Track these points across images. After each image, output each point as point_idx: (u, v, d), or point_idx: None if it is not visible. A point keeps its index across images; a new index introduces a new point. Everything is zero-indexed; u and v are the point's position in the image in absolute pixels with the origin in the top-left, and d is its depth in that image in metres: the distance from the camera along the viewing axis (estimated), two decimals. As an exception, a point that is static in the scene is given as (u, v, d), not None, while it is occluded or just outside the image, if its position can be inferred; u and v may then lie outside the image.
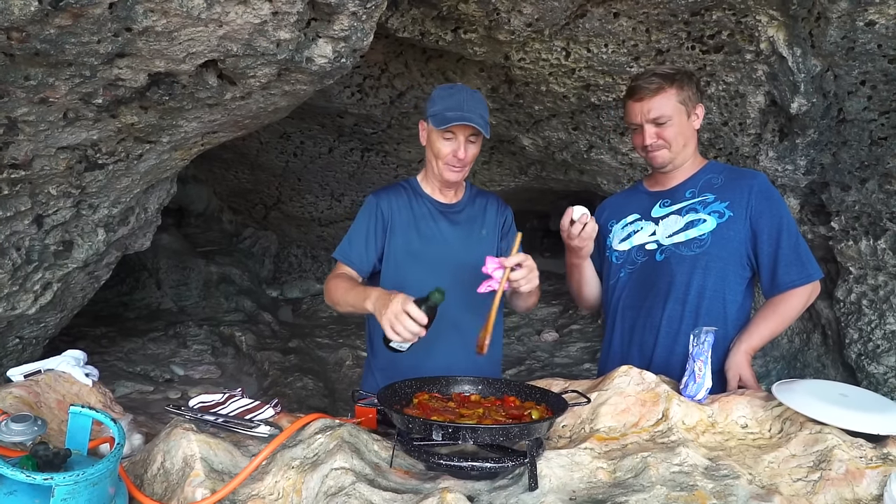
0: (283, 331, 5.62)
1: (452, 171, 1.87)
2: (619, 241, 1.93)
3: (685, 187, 1.86)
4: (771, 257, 1.74)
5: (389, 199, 1.97)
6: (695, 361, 1.50)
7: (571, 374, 4.57)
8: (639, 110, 1.79)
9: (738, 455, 1.35)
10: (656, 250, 1.84)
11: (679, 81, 1.78)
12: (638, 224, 1.90)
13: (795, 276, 1.72)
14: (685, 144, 1.82)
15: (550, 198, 6.69)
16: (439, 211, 1.97)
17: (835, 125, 3.12)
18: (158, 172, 2.72)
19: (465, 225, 1.97)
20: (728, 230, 1.76)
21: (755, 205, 1.75)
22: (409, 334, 1.50)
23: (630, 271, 1.89)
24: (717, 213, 1.77)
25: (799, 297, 1.74)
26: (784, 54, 2.85)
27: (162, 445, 1.40)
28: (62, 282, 2.77)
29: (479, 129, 1.79)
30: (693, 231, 1.79)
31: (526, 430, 1.21)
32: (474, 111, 1.80)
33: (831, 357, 3.76)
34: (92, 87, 1.86)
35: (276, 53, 1.98)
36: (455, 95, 1.83)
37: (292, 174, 5.96)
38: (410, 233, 1.93)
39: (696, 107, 1.83)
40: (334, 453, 1.28)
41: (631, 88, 1.82)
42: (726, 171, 1.86)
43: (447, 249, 1.92)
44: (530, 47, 3.31)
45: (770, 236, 1.74)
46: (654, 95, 1.76)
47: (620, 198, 2.05)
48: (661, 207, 1.87)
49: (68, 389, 1.88)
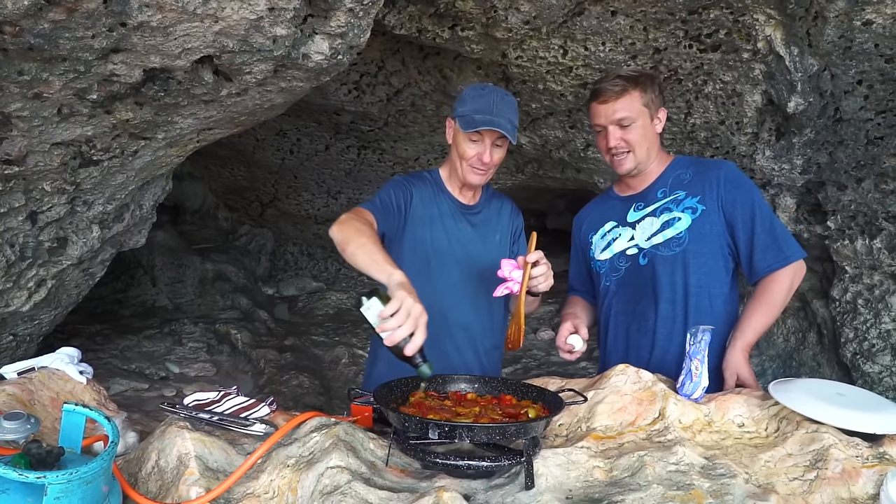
0: (278, 328, 5.61)
1: (476, 173, 1.85)
2: (600, 251, 1.94)
3: (656, 187, 1.87)
4: (747, 244, 1.75)
5: (417, 183, 1.93)
6: (691, 360, 1.50)
7: (567, 373, 4.57)
8: (603, 112, 1.80)
9: (735, 454, 1.35)
10: (638, 254, 1.85)
11: (643, 84, 1.79)
12: (616, 231, 1.91)
13: (772, 259, 1.73)
14: (648, 148, 1.83)
15: (547, 196, 6.69)
16: (460, 211, 1.95)
17: (831, 124, 3.12)
18: (154, 169, 2.70)
19: (482, 227, 1.96)
20: (703, 224, 1.77)
21: (725, 195, 1.76)
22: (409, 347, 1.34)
23: (615, 278, 1.90)
24: (689, 209, 1.79)
25: (781, 282, 1.74)
26: (781, 53, 2.85)
27: (156, 443, 1.39)
28: (56, 279, 2.76)
29: (507, 134, 1.76)
30: (670, 231, 1.80)
31: (523, 428, 1.21)
32: (503, 115, 1.77)
33: (827, 356, 3.77)
34: (86, 83, 1.84)
35: (273, 50, 1.97)
36: (486, 97, 1.79)
37: (288, 171, 5.95)
38: (437, 229, 1.90)
39: (659, 110, 1.84)
40: (330, 452, 1.28)
41: (595, 91, 1.83)
42: (694, 164, 1.87)
43: (465, 251, 1.91)
44: (528, 45, 3.31)
45: (744, 223, 1.75)
46: (619, 97, 1.77)
47: (594, 207, 2.06)
48: (635, 211, 1.88)
49: (62, 387, 1.86)
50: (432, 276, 1.87)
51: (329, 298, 6.61)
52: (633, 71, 1.84)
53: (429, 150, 5.20)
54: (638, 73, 1.82)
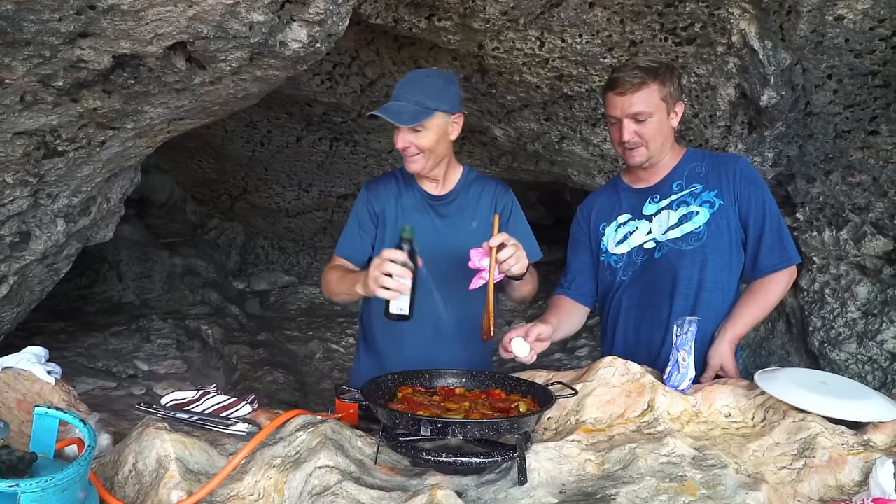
0: (250, 324, 5.51)
1: (409, 162, 1.80)
2: (615, 245, 1.88)
3: (671, 180, 1.84)
4: (755, 241, 1.75)
5: (379, 190, 1.92)
6: (678, 351, 1.51)
7: (542, 364, 4.58)
8: (619, 104, 1.75)
9: (724, 444, 1.36)
10: (654, 248, 1.82)
11: (662, 76, 1.74)
12: (632, 224, 1.86)
13: (777, 259, 1.74)
14: (663, 143, 1.79)
15: (518, 188, 6.68)
16: (427, 202, 1.90)
17: (802, 118, 3.18)
18: (122, 160, 2.61)
19: (454, 217, 1.90)
20: (721, 219, 1.75)
21: (741, 190, 1.75)
22: (397, 283, 1.50)
23: (631, 272, 1.85)
24: (707, 203, 1.77)
25: (779, 282, 1.75)
26: (755, 47, 2.89)
27: (134, 446, 1.34)
28: (19, 275, 2.64)
29: (388, 118, 1.69)
30: (688, 225, 1.77)
31: (516, 423, 1.19)
32: (408, 97, 1.72)
33: (795, 345, 3.85)
34: (52, 69, 1.75)
35: (249, 37, 1.91)
36: (401, 82, 1.77)
37: (259, 164, 5.83)
38: (399, 226, 1.86)
39: (677, 104, 1.79)
40: (318, 451, 1.24)
41: (612, 80, 1.77)
42: (708, 157, 1.86)
43: (434, 244, 1.85)
44: (504, 36, 3.28)
45: (755, 220, 1.75)
46: (637, 90, 1.71)
47: (604, 197, 1.98)
48: (651, 204, 1.85)
49: (29, 388, 1.79)
50: None
51: (302, 293, 6.51)
52: (653, 62, 1.77)
53: (403, 142, 5.14)
54: (658, 65, 1.76)
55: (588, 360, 4.70)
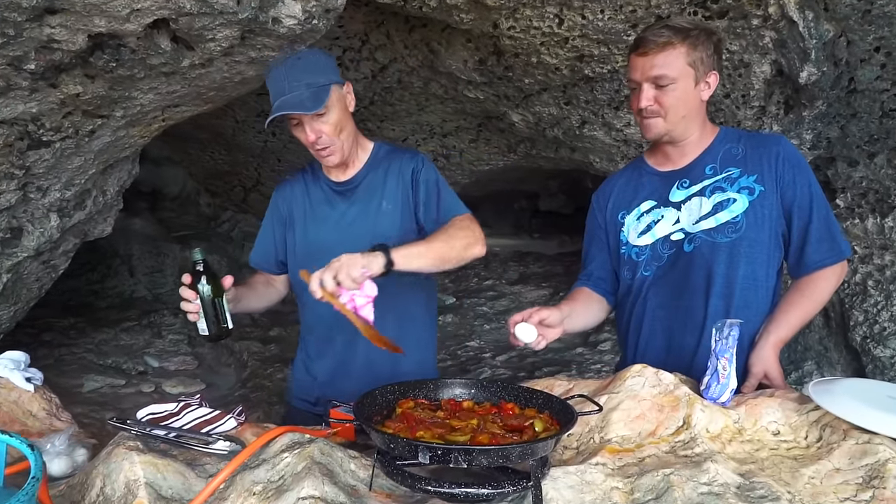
0: (263, 319, 5.40)
1: (322, 154, 1.65)
2: (637, 235, 1.68)
3: (703, 162, 1.63)
4: (801, 233, 1.54)
5: (285, 190, 1.84)
6: (718, 359, 1.32)
7: (564, 360, 4.40)
8: (640, 66, 1.54)
9: (773, 468, 1.17)
10: (683, 240, 1.61)
11: (693, 38, 1.52)
12: (657, 212, 1.65)
13: (826, 253, 1.53)
14: (685, 116, 1.57)
15: (539, 177, 6.49)
16: (335, 191, 1.76)
17: (844, 96, 2.94)
18: (115, 151, 2.47)
19: (363, 202, 1.74)
20: (762, 208, 1.55)
21: (785, 174, 1.54)
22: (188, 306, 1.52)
23: (658, 267, 1.65)
24: (746, 189, 1.56)
25: (829, 279, 1.55)
26: (795, 18, 2.65)
27: (101, 467, 1.20)
28: (13, 272, 2.53)
29: (294, 112, 1.54)
30: (724, 214, 1.57)
31: (529, 450, 1.02)
32: (297, 84, 1.56)
33: (834, 340, 3.62)
34: (21, 50, 1.61)
35: (237, 12, 1.74)
36: (275, 77, 1.59)
37: (272, 154, 5.70)
38: (308, 222, 1.77)
39: (709, 74, 1.56)
40: (302, 478, 1.08)
41: (637, 40, 1.58)
42: (745, 137, 1.64)
43: (346, 233, 1.71)
44: (521, 14, 3.08)
45: (801, 209, 1.54)
46: (661, 51, 1.50)
47: (623, 181, 1.77)
48: (679, 190, 1.64)
49: (6, 397, 1.68)
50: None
51: (316, 286, 6.39)
52: (688, 22, 1.55)
53: (417, 130, 4.97)
54: (692, 26, 1.54)
55: (611, 355, 4.50)
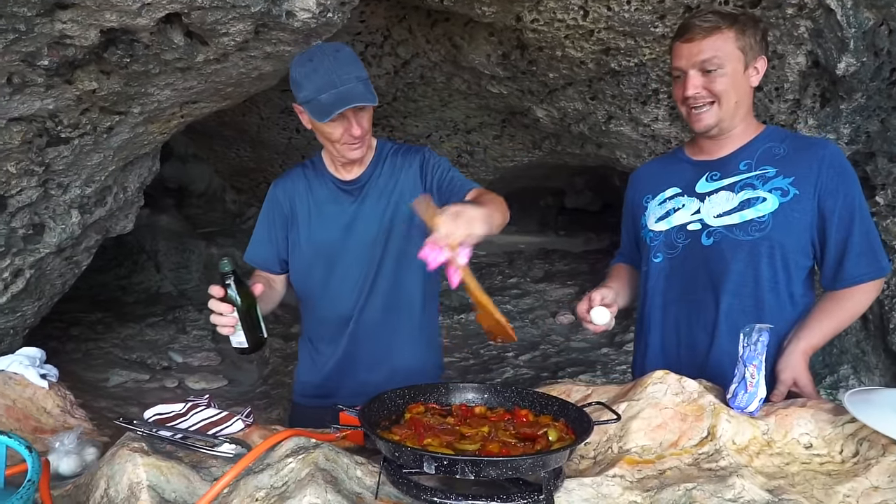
0: (286, 315, 5.41)
1: (353, 149, 1.59)
2: (655, 220, 1.62)
3: (739, 158, 1.54)
4: (840, 245, 1.45)
5: (287, 186, 1.73)
6: (746, 366, 1.24)
7: (588, 360, 4.32)
8: (685, 52, 1.47)
9: (804, 484, 1.09)
10: (701, 231, 1.54)
11: (741, 24, 1.45)
12: (678, 200, 1.59)
13: (866, 268, 1.44)
14: (737, 102, 1.49)
15: (565, 173, 6.39)
16: (341, 189, 1.68)
17: (885, 88, 2.80)
18: (135, 148, 2.47)
19: (372, 201, 1.66)
20: (793, 211, 1.46)
21: (826, 181, 1.45)
22: (219, 319, 1.44)
23: (670, 256, 1.59)
24: (779, 190, 1.47)
25: (867, 293, 1.46)
26: (832, 6, 2.53)
27: (106, 469, 1.17)
28: (35, 268, 2.55)
29: (365, 102, 1.49)
30: (750, 211, 1.48)
31: (541, 461, 0.96)
32: (348, 78, 1.49)
33: (872, 343, 3.47)
34: (33, 46, 1.60)
35: (250, 5, 1.71)
36: (319, 70, 1.49)
37: (296, 151, 5.71)
38: (313, 221, 1.69)
39: (758, 59, 1.49)
40: (305, 485, 1.04)
41: (681, 27, 1.50)
42: (790, 138, 1.55)
43: (357, 234, 1.65)
44: (544, 6, 3.01)
45: (841, 220, 1.45)
46: (708, 36, 1.44)
47: (657, 167, 1.73)
48: (708, 181, 1.56)
49: (20, 393, 1.68)
50: (320, 277, 1.66)
51: (339, 283, 6.41)
52: (734, 9, 1.51)
53: (440, 126, 4.92)
54: (739, 13, 1.50)
55: (637, 356, 4.40)
